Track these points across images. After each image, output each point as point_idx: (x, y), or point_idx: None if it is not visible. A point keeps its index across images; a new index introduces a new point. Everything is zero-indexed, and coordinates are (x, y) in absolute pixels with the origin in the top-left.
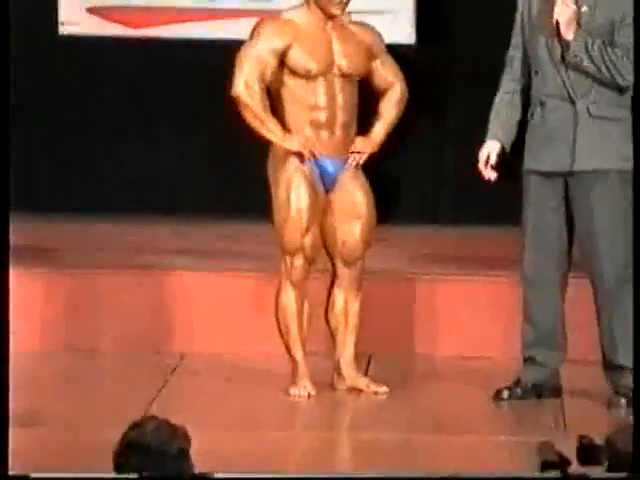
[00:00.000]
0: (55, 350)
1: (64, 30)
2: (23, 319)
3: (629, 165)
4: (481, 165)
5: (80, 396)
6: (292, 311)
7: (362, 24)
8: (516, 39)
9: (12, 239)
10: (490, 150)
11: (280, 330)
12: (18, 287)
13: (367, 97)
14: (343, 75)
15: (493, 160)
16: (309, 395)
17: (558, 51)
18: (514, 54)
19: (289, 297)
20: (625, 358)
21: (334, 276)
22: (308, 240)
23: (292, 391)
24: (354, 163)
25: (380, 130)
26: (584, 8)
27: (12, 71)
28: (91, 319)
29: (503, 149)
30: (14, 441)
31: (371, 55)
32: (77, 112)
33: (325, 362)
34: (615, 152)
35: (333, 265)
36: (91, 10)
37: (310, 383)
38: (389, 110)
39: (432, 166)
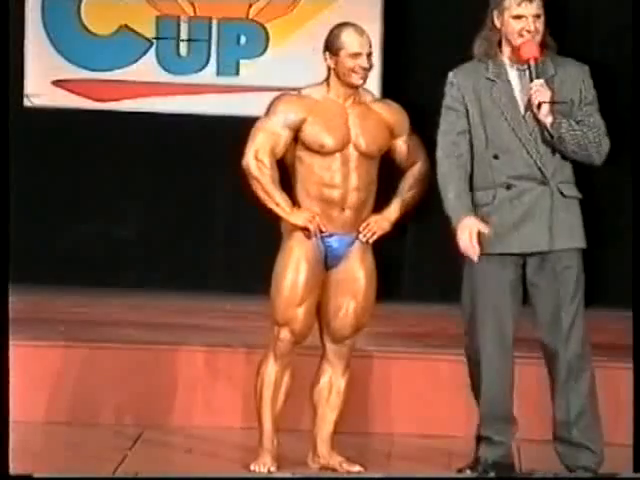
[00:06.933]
0: (13, 420)
1: (29, 102)
2: None
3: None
4: (471, 245)
5: (37, 469)
6: (269, 382)
7: (385, 102)
8: (461, 126)
9: None
10: (471, 227)
11: (256, 399)
12: None
13: (391, 172)
14: (360, 153)
15: (475, 237)
16: (269, 471)
17: (527, 131)
18: (459, 140)
19: (269, 368)
20: (582, 436)
21: (323, 351)
22: (299, 314)
23: (252, 467)
24: (364, 239)
25: (395, 209)
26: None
27: None
28: (50, 391)
29: None
30: None
31: (392, 134)
32: (40, 184)
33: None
34: (581, 231)
35: (322, 339)
36: (56, 83)
37: (271, 459)
38: (407, 189)
39: (394, 243)
